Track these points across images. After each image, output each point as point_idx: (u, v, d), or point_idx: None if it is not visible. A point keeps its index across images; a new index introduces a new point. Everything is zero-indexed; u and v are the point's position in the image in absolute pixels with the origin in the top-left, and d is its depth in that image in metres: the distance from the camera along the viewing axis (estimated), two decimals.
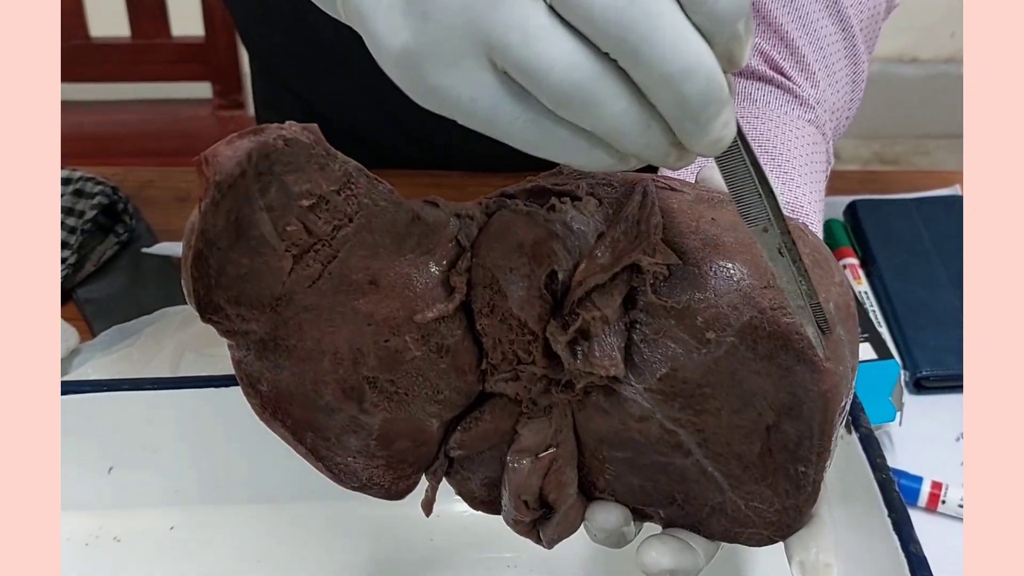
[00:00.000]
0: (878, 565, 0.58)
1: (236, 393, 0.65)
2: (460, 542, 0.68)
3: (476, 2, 0.34)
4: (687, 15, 0.34)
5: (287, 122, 0.40)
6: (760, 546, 0.49)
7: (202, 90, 1.63)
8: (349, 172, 0.42)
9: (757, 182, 0.39)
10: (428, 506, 0.51)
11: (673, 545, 0.48)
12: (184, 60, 1.58)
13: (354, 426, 0.47)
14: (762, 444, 0.45)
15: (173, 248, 0.86)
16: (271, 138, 0.39)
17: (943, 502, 0.70)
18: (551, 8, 0.34)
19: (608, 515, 0.50)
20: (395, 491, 0.50)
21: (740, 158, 0.39)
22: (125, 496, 0.68)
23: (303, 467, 0.68)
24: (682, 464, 0.47)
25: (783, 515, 0.47)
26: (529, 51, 0.34)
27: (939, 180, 0.98)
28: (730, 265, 0.42)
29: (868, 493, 0.59)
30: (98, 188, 0.87)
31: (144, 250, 0.87)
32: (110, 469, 0.68)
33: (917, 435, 0.75)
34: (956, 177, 0.99)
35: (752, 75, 0.63)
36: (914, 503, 0.70)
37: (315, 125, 0.41)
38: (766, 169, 0.39)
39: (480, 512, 0.53)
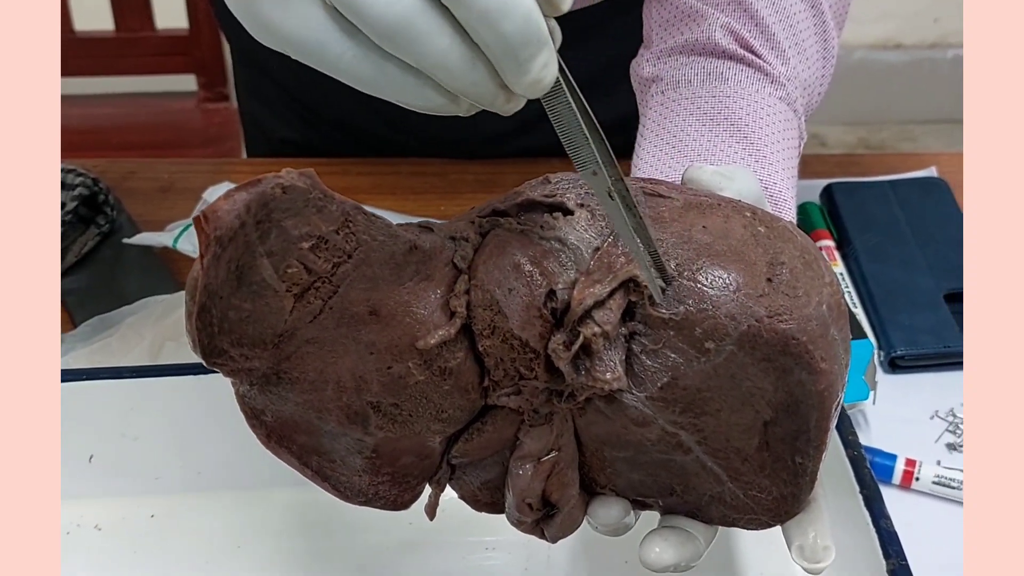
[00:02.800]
0: (850, 540, 0.58)
1: (216, 381, 0.65)
2: (440, 526, 0.68)
3: None
4: None
5: (284, 169, 0.41)
6: (758, 530, 0.50)
7: (187, 83, 1.63)
8: (347, 211, 0.43)
9: (584, 125, 0.40)
10: (432, 510, 0.52)
11: (674, 539, 0.49)
12: (168, 53, 1.58)
13: (359, 447, 0.48)
14: (760, 438, 0.46)
15: (154, 239, 0.86)
16: (269, 187, 0.40)
17: (917, 479, 0.70)
18: None
19: (609, 510, 0.50)
20: (400, 503, 0.51)
21: (565, 102, 0.40)
22: (106, 484, 0.68)
23: None
24: (682, 460, 0.48)
25: (781, 502, 0.48)
26: None
27: (916, 162, 0.99)
28: (725, 275, 0.43)
29: (840, 470, 0.59)
30: (79, 179, 0.87)
31: (125, 241, 0.87)
32: (91, 458, 0.68)
33: (892, 414, 0.75)
34: (932, 159, 0.99)
35: (722, 54, 0.64)
36: (888, 480, 0.71)
37: (311, 170, 0.42)
38: (593, 114, 0.41)
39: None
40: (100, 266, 0.86)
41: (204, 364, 0.42)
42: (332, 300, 0.43)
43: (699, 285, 0.43)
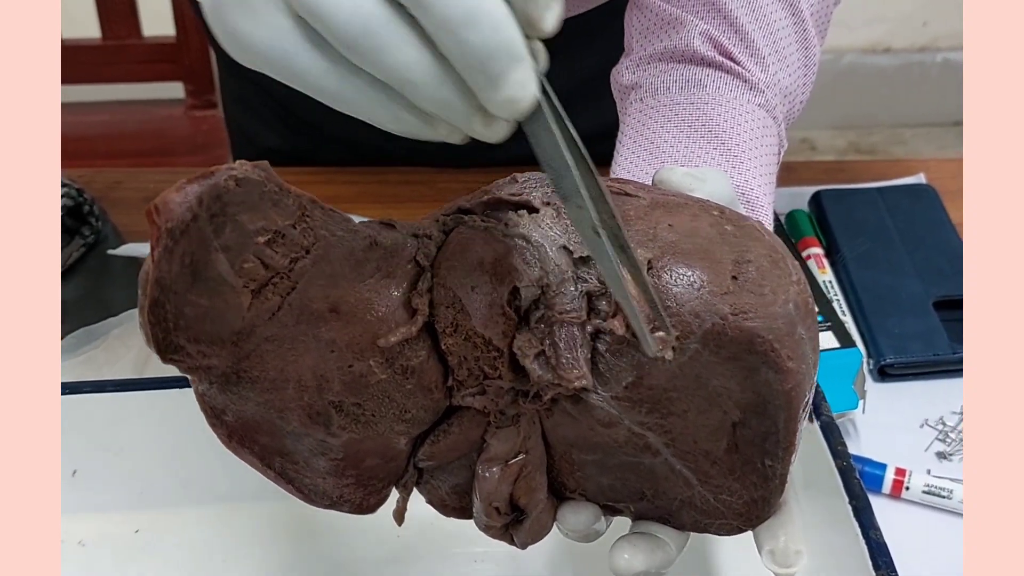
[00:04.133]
0: (840, 552, 0.58)
1: None
2: (428, 538, 0.69)
3: None
4: None
5: (237, 161, 0.40)
6: (729, 535, 0.50)
7: (174, 90, 1.63)
8: (303, 205, 0.42)
9: (569, 155, 0.38)
10: (400, 516, 0.51)
11: (644, 545, 0.48)
12: (156, 60, 1.58)
13: (322, 449, 0.47)
14: (728, 440, 0.45)
15: (140, 249, 0.86)
16: (222, 180, 0.39)
17: (907, 488, 0.70)
18: None
19: (579, 515, 0.50)
20: (366, 506, 0.50)
21: (547, 128, 0.38)
22: (89, 500, 0.68)
23: None
24: (651, 463, 0.48)
25: (752, 506, 0.47)
26: None
27: (904, 168, 0.99)
28: (690, 272, 0.42)
29: (829, 480, 0.59)
30: (63, 190, 0.86)
31: (111, 252, 0.86)
32: (74, 472, 0.67)
33: (881, 422, 0.75)
34: (921, 165, 0.99)
35: (701, 61, 0.64)
36: (878, 490, 0.70)
37: (266, 162, 0.41)
38: (581, 140, 0.39)
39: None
40: (85, 277, 0.85)
41: (161, 360, 0.41)
42: (291, 296, 0.43)
43: (663, 283, 0.42)
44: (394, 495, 0.51)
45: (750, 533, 0.49)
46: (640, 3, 0.68)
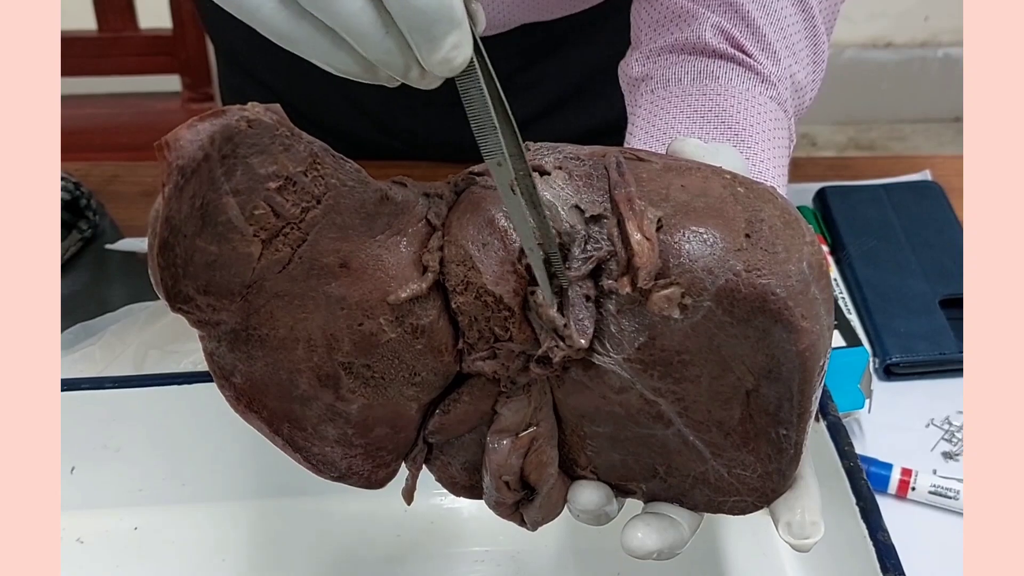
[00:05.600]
0: (846, 552, 0.58)
1: (199, 391, 0.65)
2: (428, 537, 0.68)
3: None
4: None
5: (249, 103, 0.39)
6: (744, 514, 0.49)
7: (171, 83, 1.62)
8: (315, 152, 0.42)
9: (494, 114, 0.41)
10: (409, 494, 0.50)
11: (657, 524, 0.48)
12: (152, 53, 1.57)
13: (331, 415, 0.46)
14: (742, 409, 0.45)
15: (138, 244, 0.85)
16: (234, 120, 0.38)
17: (913, 489, 0.69)
18: None
19: (590, 494, 0.49)
20: (375, 480, 0.49)
21: (478, 87, 0.41)
22: (88, 497, 0.67)
23: (267, 464, 0.68)
24: (663, 435, 0.47)
25: (766, 480, 0.47)
26: None
27: (909, 165, 0.98)
28: (702, 230, 0.42)
29: (836, 481, 0.59)
30: (60, 184, 0.85)
31: (108, 246, 0.85)
32: (72, 469, 0.67)
33: (887, 422, 0.74)
34: (926, 162, 0.98)
35: (713, 53, 0.63)
36: (884, 490, 0.70)
37: (278, 105, 0.41)
38: (508, 103, 0.42)
39: (457, 498, 0.53)
40: (82, 272, 0.85)
41: (170, 308, 0.41)
42: (301, 249, 0.42)
43: (676, 240, 0.42)
44: (403, 474, 0.50)
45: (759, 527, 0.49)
46: None
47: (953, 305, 0.81)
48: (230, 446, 0.67)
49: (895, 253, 0.86)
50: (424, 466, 0.51)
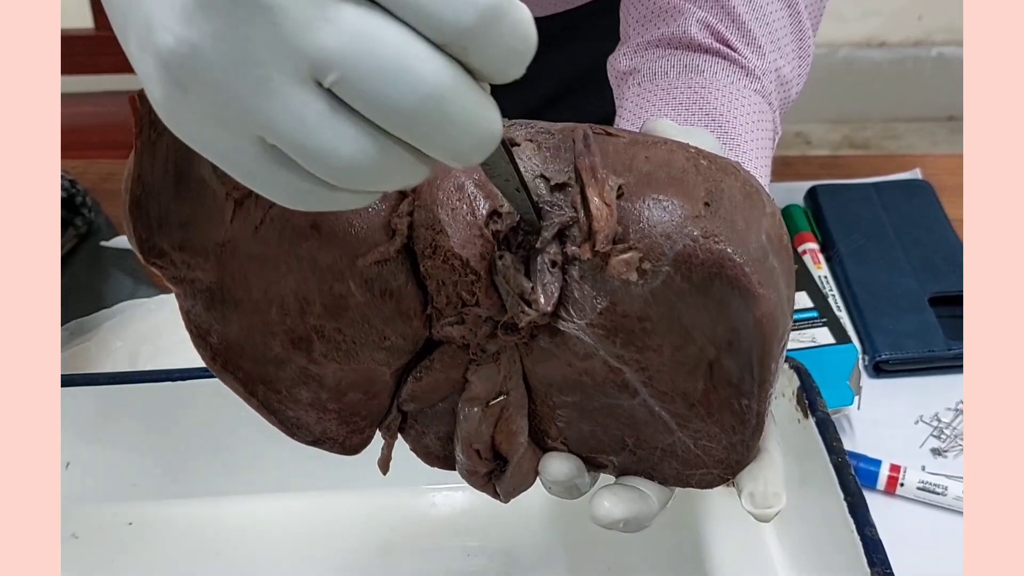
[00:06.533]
0: (834, 548, 0.58)
1: (192, 387, 0.65)
2: (419, 531, 0.68)
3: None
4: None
5: None
6: (711, 487, 0.49)
7: None
8: None
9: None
10: (384, 464, 0.51)
11: (624, 495, 0.48)
12: None
13: (304, 378, 0.47)
14: (705, 381, 0.45)
15: None
16: None
17: (902, 485, 0.70)
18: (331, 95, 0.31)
19: (560, 465, 0.49)
20: (349, 445, 0.50)
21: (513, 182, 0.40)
22: (82, 492, 0.67)
23: (260, 460, 0.68)
24: (630, 405, 0.47)
25: (731, 451, 0.47)
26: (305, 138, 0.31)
27: (900, 164, 0.99)
28: (663, 197, 0.42)
29: (824, 476, 0.59)
30: (59, 183, 0.86)
31: (103, 243, 0.86)
32: (67, 464, 0.67)
33: (876, 419, 0.75)
34: (917, 161, 0.99)
35: (699, 47, 0.64)
36: (873, 486, 0.70)
37: None
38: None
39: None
40: (78, 269, 0.85)
41: (144, 262, 0.41)
42: (272, 210, 0.43)
43: (636, 209, 0.42)
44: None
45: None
46: None
47: (942, 303, 0.82)
48: (224, 442, 0.67)
49: (885, 251, 0.86)
50: (400, 436, 0.51)
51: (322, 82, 0.30)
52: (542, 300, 0.44)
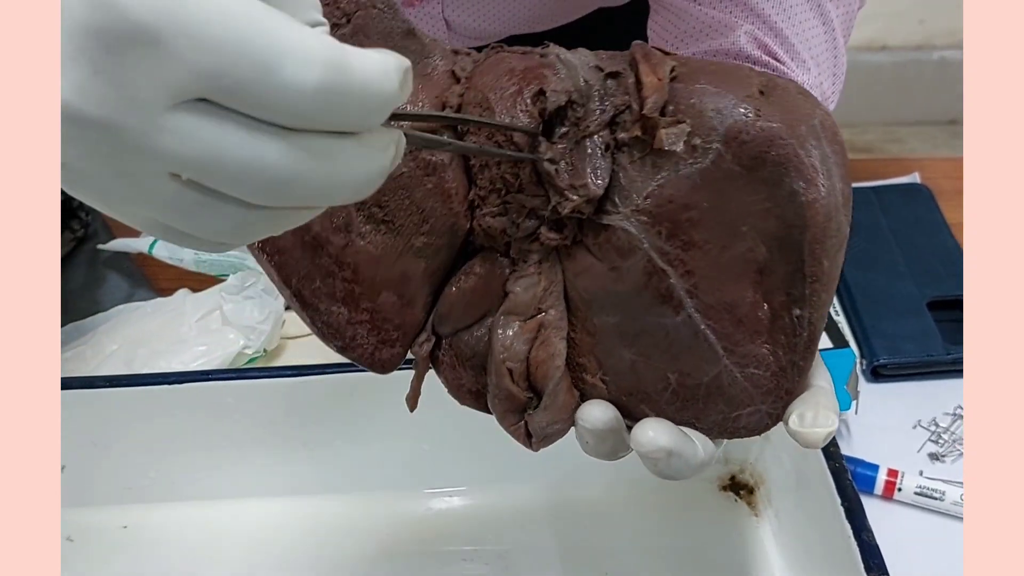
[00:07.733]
0: (831, 553, 0.58)
1: (188, 390, 0.65)
2: (417, 536, 0.68)
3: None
4: None
5: None
6: (759, 432, 0.46)
7: None
8: None
9: None
10: (413, 400, 0.49)
11: (670, 427, 0.46)
12: None
13: (339, 267, 0.46)
14: (754, 290, 0.44)
15: (129, 244, 0.85)
16: None
17: (899, 489, 0.70)
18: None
19: (599, 412, 0.47)
20: (378, 359, 0.48)
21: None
22: (77, 495, 0.67)
23: (255, 464, 0.68)
24: (673, 324, 0.45)
25: (781, 377, 0.45)
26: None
27: (898, 168, 0.98)
28: (716, 80, 0.43)
29: (821, 481, 0.59)
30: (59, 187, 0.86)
31: (100, 246, 0.86)
32: (62, 467, 0.67)
33: (874, 423, 0.75)
34: (916, 164, 0.99)
35: (748, 59, 0.64)
36: (870, 491, 0.70)
37: None
38: None
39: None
40: (74, 272, 0.85)
41: None
42: None
43: (690, 88, 0.43)
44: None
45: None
46: (671, 10, 0.67)
47: (941, 307, 0.82)
48: (219, 445, 0.67)
49: (883, 255, 0.86)
50: (432, 371, 0.50)
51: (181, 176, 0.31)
52: (590, 181, 0.43)
